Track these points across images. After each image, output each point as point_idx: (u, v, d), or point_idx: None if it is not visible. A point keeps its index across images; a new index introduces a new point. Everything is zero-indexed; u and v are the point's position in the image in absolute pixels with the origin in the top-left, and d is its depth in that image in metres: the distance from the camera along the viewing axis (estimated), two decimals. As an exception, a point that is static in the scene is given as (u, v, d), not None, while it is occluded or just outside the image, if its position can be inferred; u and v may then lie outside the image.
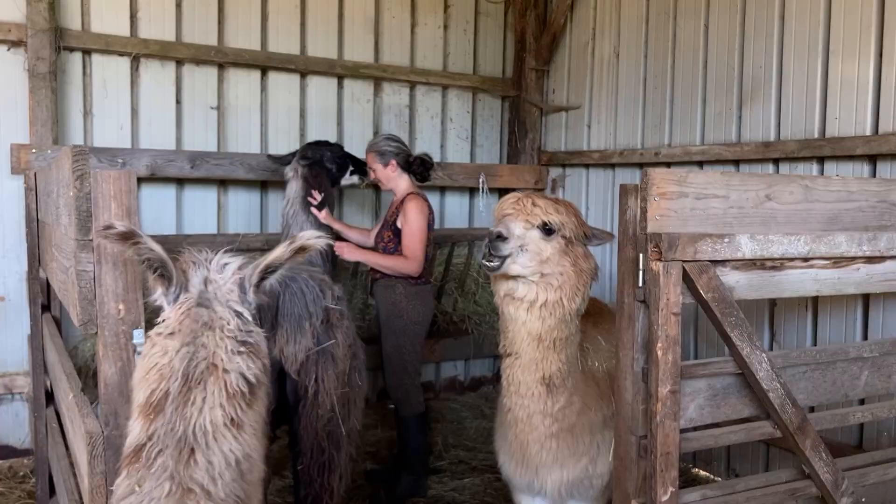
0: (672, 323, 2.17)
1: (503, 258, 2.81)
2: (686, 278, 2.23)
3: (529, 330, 2.84)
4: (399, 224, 4.52)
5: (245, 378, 1.82)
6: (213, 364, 1.80)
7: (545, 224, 2.83)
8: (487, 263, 2.83)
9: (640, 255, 2.25)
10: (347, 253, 4.46)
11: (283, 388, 3.35)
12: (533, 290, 2.84)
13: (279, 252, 1.93)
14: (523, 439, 2.91)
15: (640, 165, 5.58)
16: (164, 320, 1.88)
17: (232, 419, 1.78)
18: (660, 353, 2.17)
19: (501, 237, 2.79)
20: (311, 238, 1.94)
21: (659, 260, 2.18)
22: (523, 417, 2.88)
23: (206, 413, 1.75)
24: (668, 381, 2.18)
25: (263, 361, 1.91)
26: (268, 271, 1.95)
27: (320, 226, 4.68)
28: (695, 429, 2.38)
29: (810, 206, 2.54)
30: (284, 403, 3.38)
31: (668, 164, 5.33)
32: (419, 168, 4.75)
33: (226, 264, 1.96)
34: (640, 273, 2.24)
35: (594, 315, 3.30)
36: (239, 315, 1.90)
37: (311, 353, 3.21)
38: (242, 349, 1.85)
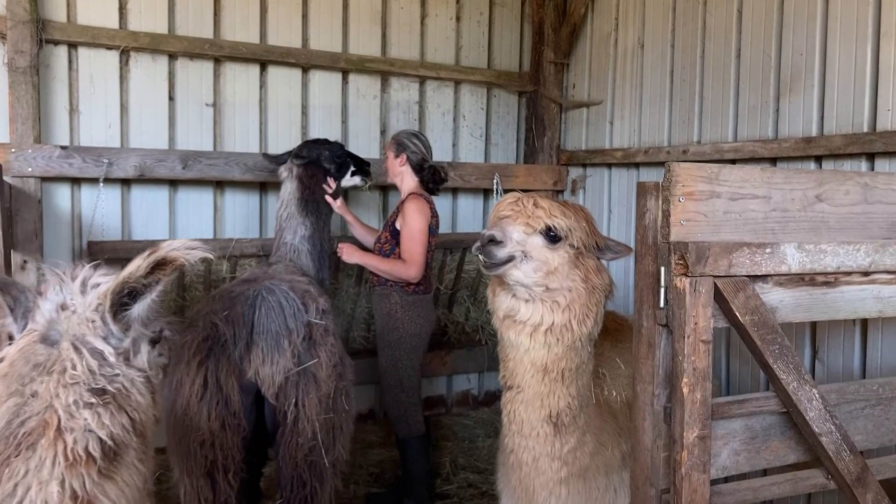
0: (701, 353, 1.76)
1: (502, 262, 2.44)
2: (718, 297, 1.82)
3: (533, 359, 2.44)
4: (398, 225, 4.17)
5: (99, 439, 1.39)
6: (45, 421, 1.37)
7: (549, 229, 2.43)
8: (483, 258, 2.46)
9: (662, 268, 1.85)
10: (346, 254, 4.15)
11: (261, 413, 2.99)
12: (537, 312, 2.44)
13: (133, 267, 1.49)
14: (528, 484, 2.51)
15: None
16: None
17: (76, 495, 1.35)
18: (685, 390, 1.76)
19: (495, 241, 2.41)
20: (179, 249, 1.49)
21: (685, 275, 1.77)
22: (528, 461, 2.49)
23: (33, 490, 1.32)
24: (695, 424, 1.77)
25: (139, 415, 1.47)
26: (127, 294, 1.50)
27: (315, 230, 4.34)
28: (726, 479, 1.96)
29: (870, 208, 2.11)
30: (263, 430, 3.02)
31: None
32: (429, 177, 4.43)
33: (95, 284, 1.51)
34: (662, 291, 1.83)
35: (612, 333, 2.89)
36: (97, 354, 1.46)
37: (290, 375, 2.85)
38: (95, 400, 1.41)
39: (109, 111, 4.86)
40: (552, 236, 2.41)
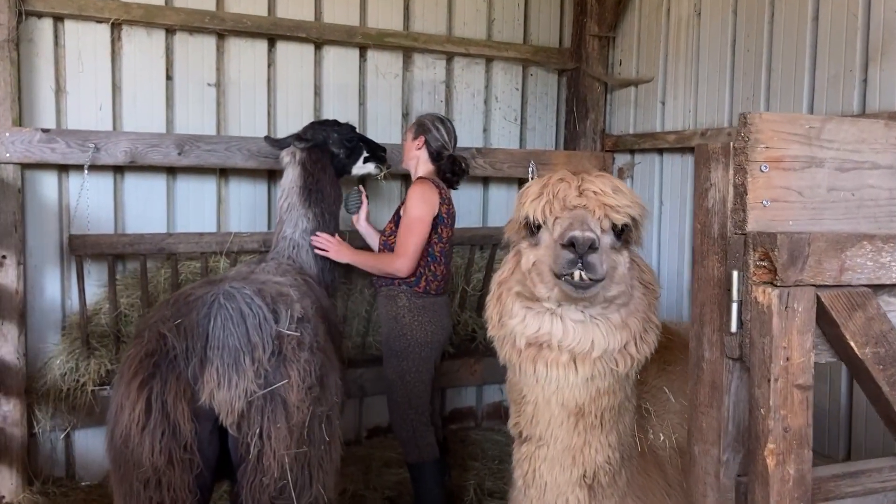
0: (796, 404, 1.14)
1: (602, 277, 1.82)
2: (823, 318, 1.18)
3: (565, 400, 1.87)
4: (402, 213, 3.62)
5: None
6: None
7: (615, 225, 1.88)
8: (583, 276, 1.80)
9: (734, 273, 1.22)
10: (335, 252, 3.60)
11: (225, 446, 2.45)
12: (588, 334, 1.87)
13: None
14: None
15: (728, 148, 4.46)
16: None
17: None
18: (771, 460, 1.14)
19: (594, 248, 1.78)
20: None
21: (771, 283, 1.16)
22: None
23: None
24: (789, 512, 1.14)
25: None
26: None
27: (320, 223, 3.82)
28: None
29: None
30: (229, 467, 2.48)
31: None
32: (448, 167, 3.89)
33: None
34: (734, 308, 1.21)
35: (658, 351, 2.24)
36: None
37: (254, 399, 2.29)
38: None
39: (100, 91, 4.40)
40: (619, 231, 1.85)
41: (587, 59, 5.41)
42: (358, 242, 4.13)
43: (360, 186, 4.19)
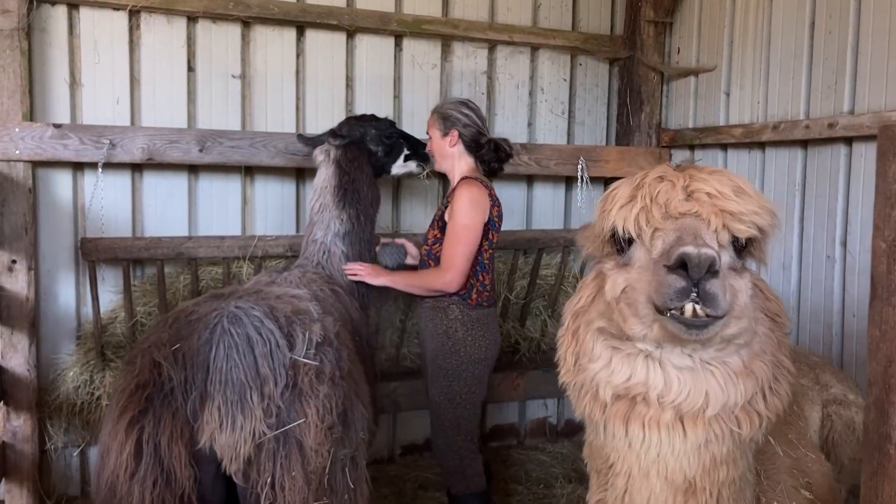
0: None
1: (716, 319, 1.38)
2: None
3: (670, 473, 1.44)
4: (447, 218, 3.23)
5: None
6: None
7: (736, 239, 1.45)
8: (691, 315, 1.36)
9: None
10: (370, 275, 3.23)
11: (231, 492, 2.09)
12: (700, 384, 1.43)
13: None
14: None
15: (805, 143, 3.99)
16: None
17: None
18: None
19: (714, 271, 1.35)
20: None
21: None
22: None
23: None
24: None
25: None
26: None
27: (354, 226, 3.48)
28: None
29: None
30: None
31: (850, 141, 3.71)
32: (490, 155, 3.49)
33: None
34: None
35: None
36: None
37: (264, 442, 1.93)
38: None
39: (117, 84, 4.11)
40: (740, 247, 1.43)
41: (642, 46, 4.96)
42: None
43: (404, 242, 3.73)
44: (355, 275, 3.32)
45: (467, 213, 3.19)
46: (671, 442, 1.43)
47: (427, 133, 3.57)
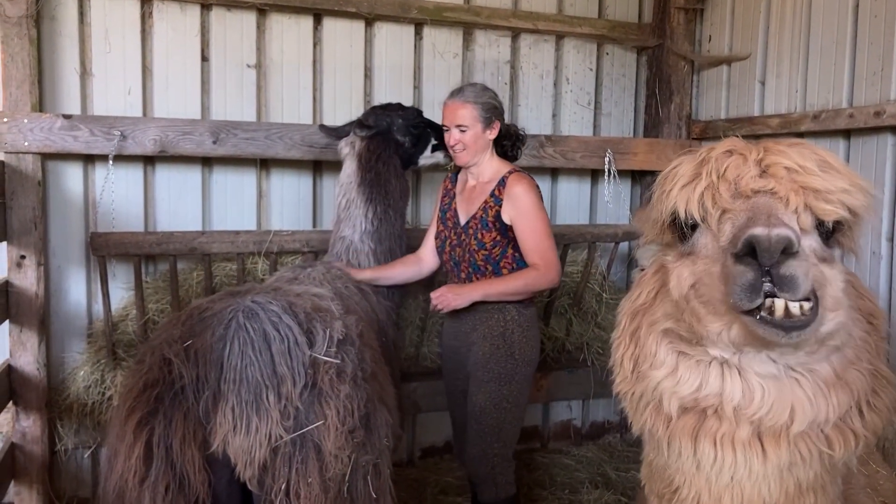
0: None
1: (812, 310, 1.17)
2: None
3: (748, 501, 1.24)
4: (506, 218, 3.07)
5: None
6: None
7: (821, 222, 1.23)
8: (782, 315, 1.15)
9: None
10: (456, 300, 3.01)
11: (247, 499, 1.94)
12: (784, 395, 1.23)
13: None
14: None
15: (848, 133, 3.78)
16: None
17: None
18: None
19: (791, 250, 1.13)
20: None
21: None
22: None
23: None
24: None
25: None
26: None
27: (382, 223, 3.33)
28: None
29: None
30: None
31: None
32: (513, 140, 3.36)
33: None
34: None
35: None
36: None
37: (280, 446, 1.78)
38: None
39: (129, 74, 3.98)
40: (828, 232, 1.23)
41: (671, 34, 4.77)
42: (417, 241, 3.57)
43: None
44: (446, 306, 3.03)
45: (537, 205, 3.07)
46: (748, 463, 1.23)
47: (449, 125, 3.26)
